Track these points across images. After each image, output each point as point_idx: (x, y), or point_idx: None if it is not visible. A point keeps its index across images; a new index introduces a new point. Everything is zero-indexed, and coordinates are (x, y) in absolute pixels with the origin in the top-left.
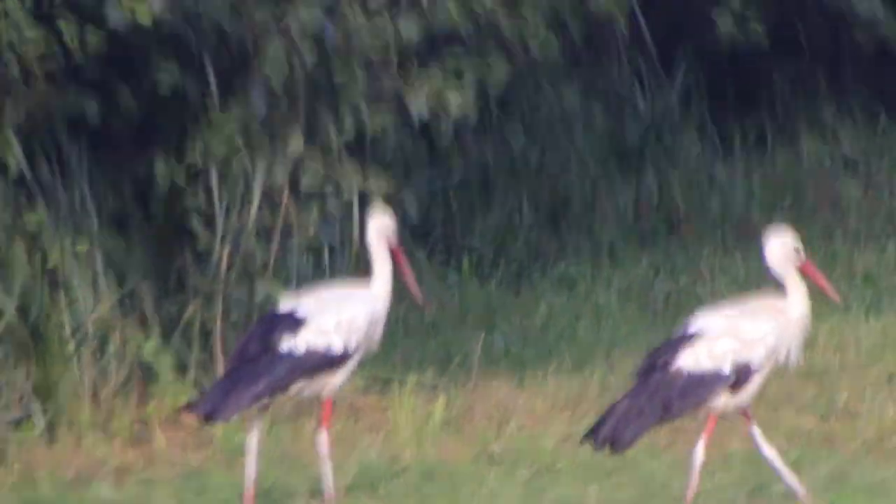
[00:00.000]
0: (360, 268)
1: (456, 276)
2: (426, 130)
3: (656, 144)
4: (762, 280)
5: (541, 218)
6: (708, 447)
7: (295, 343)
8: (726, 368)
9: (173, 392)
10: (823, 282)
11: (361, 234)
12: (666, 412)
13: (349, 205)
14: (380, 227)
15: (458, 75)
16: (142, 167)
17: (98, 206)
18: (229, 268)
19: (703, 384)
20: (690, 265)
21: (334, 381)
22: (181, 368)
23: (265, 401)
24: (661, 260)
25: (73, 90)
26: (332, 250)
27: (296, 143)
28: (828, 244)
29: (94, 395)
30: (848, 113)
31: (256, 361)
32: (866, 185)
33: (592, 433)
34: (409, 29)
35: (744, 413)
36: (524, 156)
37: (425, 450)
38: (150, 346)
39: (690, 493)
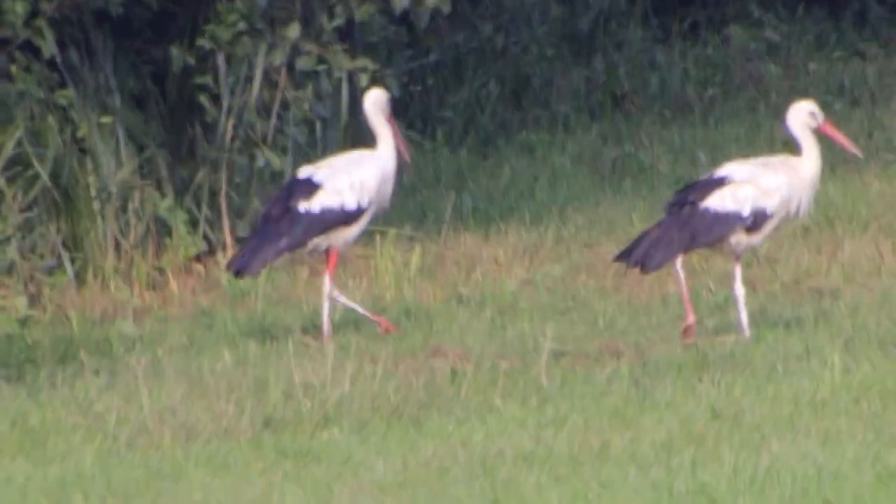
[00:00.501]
0: (349, 138)
1: (431, 145)
2: (406, 18)
3: (605, 32)
4: (696, 147)
5: (505, 94)
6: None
7: (311, 204)
8: (746, 211)
9: (185, 244)
10: (842, 139)
11: (350, 109)
12: (692, 242)
13: (339, 83)
14: (376, 101)
15: None
16: (159, 52)
17: (120, 86)
18: (233, 139)
19: (726, 222)
20: (633, 134)
21: (348, 234)
22: (192, 224)
23: (286, 255)
24: (609, 130)
25: None
26: (324, 123)
27: (293, 30)
28: (752, 117)
29: (117, 247)
30: (771, 4)
31: (279, 222)
32: (785, 65)
33: (626, 255)
34: None
35: (737, 258)
36: (491, 41)
37: (404, 292)
38: (166, 204)
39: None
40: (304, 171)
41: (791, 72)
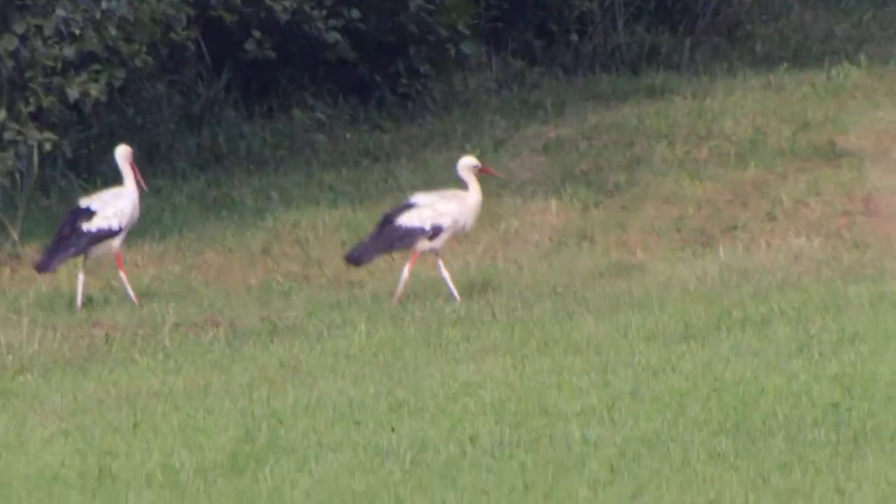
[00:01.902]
0: (37, 183)
1: (93, 188)
2: (77, 104)
3: (211, 112)
4: (270, 189)
5: (142, 154)
6: (411, 270)
7: (90, 225)
8: (427, 226)
9: None
10: (493, 171)
11: (40, 164)
12: (391, 246)
13: (32, 148)
14: (123, 154)
15: None
16: None
17: None
18: None
19: (413, 233)
20: (229, 181)
21: (114, 244)
22: None
23: (72, 258)
24: (212, 178)
25: None
26: (21, 174)
27: (1, 114)
28: (308, 169)
29: None
30: (320, 94)
31: (69, 237)
32: (331, 135)
33: (349, 255)
34: None
35: (435, 253)
36: (133, 118)
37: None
38: None
39: (396, 299)
40: (83, 202)
41: (335, 140)
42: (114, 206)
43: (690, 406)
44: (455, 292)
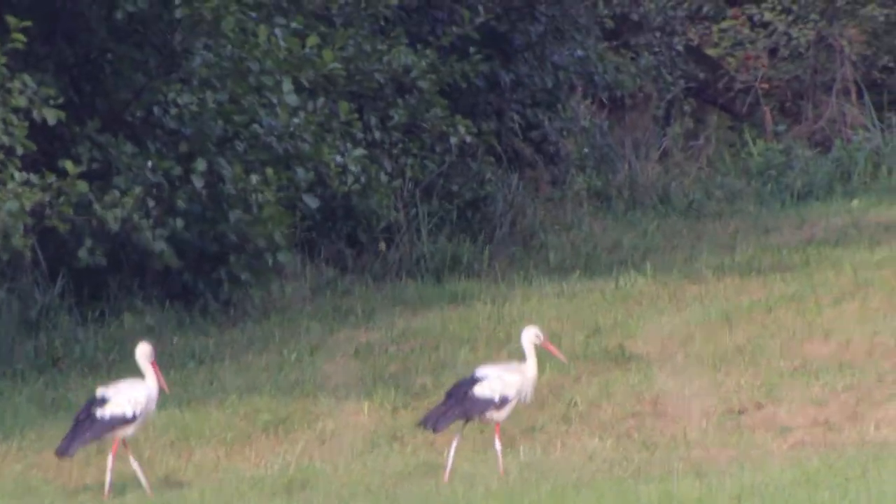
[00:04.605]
0: None
1: None
2: None
3: (46, 318)
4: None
5: None
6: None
7: (105, 412)
8: (496, 397)
9: None
10: (555, 350)
11: None
12: (465, 415)
13: None
14: (143, 352)
15: None
16: None
17: None
18: None
19: (486, 404)
20: (62, 385)
21: (129, 430)
22: None
23: (92, 443)
24: (49, 382)
25: None
26: None
27: None
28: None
29: None
30: (149, 301)
31: (84, 423)
32: (159, 339)
33: (423, 421)
34: None
35: (496, 425)
36: None
37: None
38: None
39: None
40: (99, 391)
41: (163, 343)
42: (128, 395)
43: None
44: (501, 465)
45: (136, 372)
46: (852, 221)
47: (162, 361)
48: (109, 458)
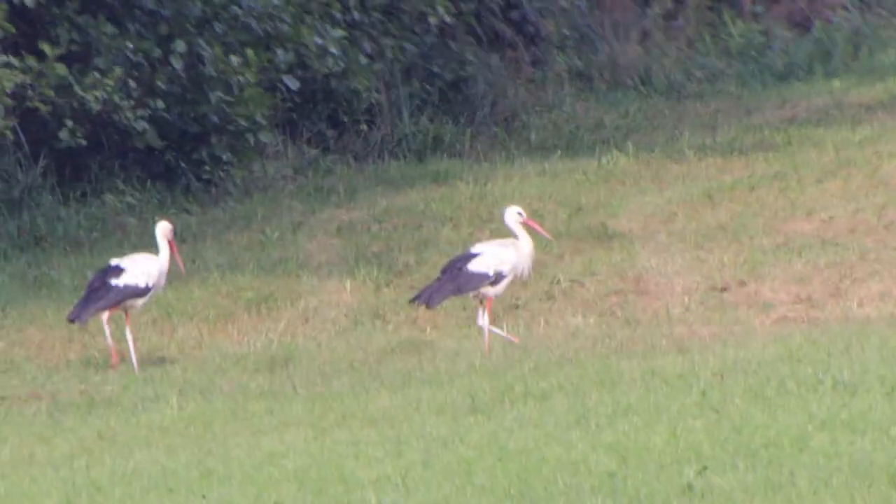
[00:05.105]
0: None
1: None
2: None
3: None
4: (86, 270)
5: None
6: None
7: (119, 281)
8: (490, 272)
9: None
10: (539, 227)
11: None
12: (458, 291)
13: None
14: (163, 229)
15: None
16: None
17: None
18: None
19: (480, 279)
20: (43, 263)
21: (139, 302)
22: None
23: (105, 311)
24: (26, 265)
25: None
26: None
27: None
28: (127, 247)
29: None
30: (129, 181)
31: (98, 290)
32: (140, 218)
33: (416, 298)
34: None
35: (489, 300)
36: None
37: None
38: None
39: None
40: (114, 261)
41: (145, 223)
42: (142, 266)
43: (477, 474)
44: (511, 337)
45: (117, 251)
46: (834, 101)
47: (143, 241)
48: (127, 330)
